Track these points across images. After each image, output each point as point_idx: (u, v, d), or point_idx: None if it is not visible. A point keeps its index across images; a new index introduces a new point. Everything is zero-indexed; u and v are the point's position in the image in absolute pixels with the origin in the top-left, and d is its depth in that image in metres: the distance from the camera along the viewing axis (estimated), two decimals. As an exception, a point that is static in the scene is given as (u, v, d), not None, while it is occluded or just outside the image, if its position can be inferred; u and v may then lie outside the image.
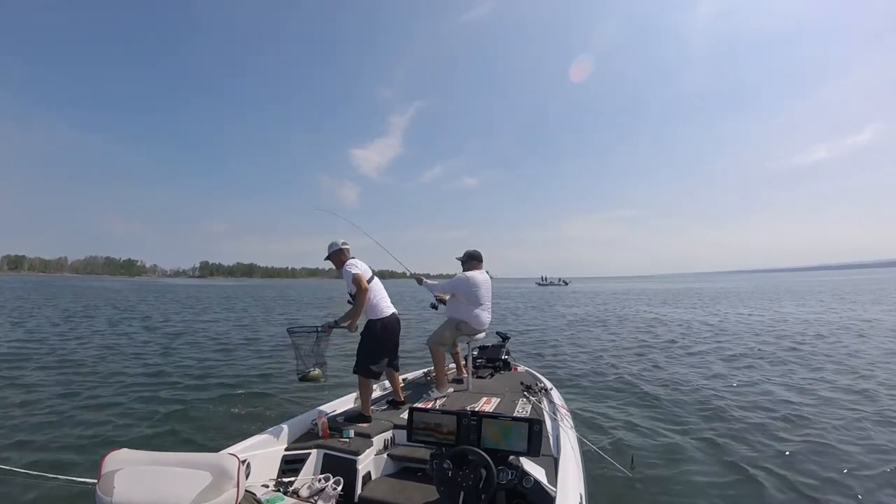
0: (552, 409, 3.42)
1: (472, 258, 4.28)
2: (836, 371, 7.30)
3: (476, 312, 4.11)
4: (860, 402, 5.56)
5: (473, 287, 4.09)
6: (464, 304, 4.11)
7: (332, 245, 3.67)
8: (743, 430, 4.70)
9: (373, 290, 3.49)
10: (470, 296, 4.10)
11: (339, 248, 3.63)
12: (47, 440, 4.46)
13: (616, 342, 11.17)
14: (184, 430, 4.85)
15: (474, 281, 4.11)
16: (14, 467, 3.52)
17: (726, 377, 7.10)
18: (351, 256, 3.65)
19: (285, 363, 8.61)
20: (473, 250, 4.30)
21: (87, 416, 5.20)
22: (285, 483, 2.61)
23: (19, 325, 13.46)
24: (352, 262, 3.56)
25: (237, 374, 7.64)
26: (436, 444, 2.26)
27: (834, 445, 4.25)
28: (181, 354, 9.40)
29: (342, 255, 3.62)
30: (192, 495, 1.49)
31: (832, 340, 10.38)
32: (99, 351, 9.49)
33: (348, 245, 3.69)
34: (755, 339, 10.99)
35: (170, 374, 7.55)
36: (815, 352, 9.02)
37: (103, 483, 1.50)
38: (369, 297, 3.45)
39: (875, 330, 11.98)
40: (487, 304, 4.19)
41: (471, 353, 4.29)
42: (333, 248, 3.65)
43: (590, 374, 7.53)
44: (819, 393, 6.03)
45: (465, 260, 4.31)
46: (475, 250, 4.30)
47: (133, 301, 27.17)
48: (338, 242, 3.65)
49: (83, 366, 7.95)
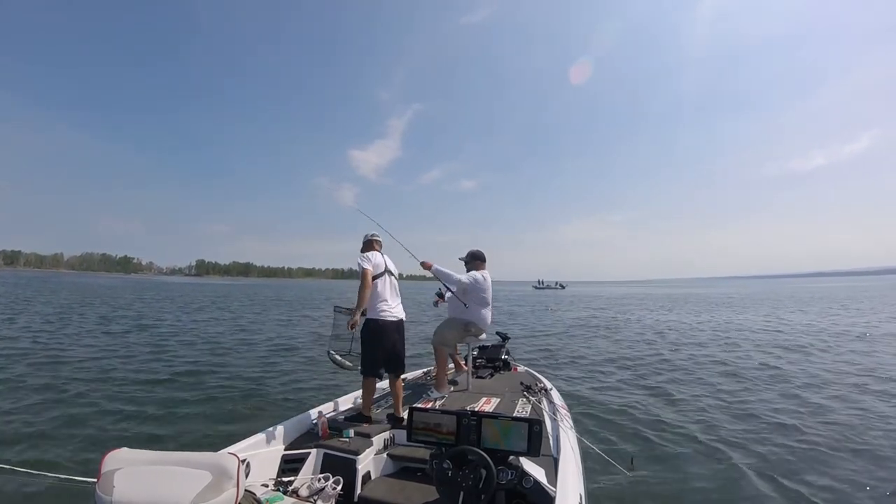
0: (552, 410, 3.42)
1: (475, 258, 4.20)
2: (836, 378, 7.31)
3: (483, 313, 4.09)
4: (862, 408, 5.57)
5: (484, 287, 4.06)
6: (473, 304, 4.04)
7: (364, 236, 3.69)
8: (743, 433, 4.70)
9: (376, 288, 3.39)
10: (479, 296, 4.05)
11: (367, 240, 3.66)
12: (47, 439, 4.45)
13: (618, 345, 11.19)
14: (183, 430, 4.85)
15: (485, 281, 4.08)
16: (14, 466, 3.51)
17: (726, 380, 7.11)
18: (376, 249, 3.61)
19: (285, 363, 8.61)
20: (477, 250, 4.23)
21: (86, 416, 5.19)
22: (285, 483, 2.60)
23: (11, 322, 13.43)
24: (367, 255, 3.47)
25: (237, 374, 7.63)
26: (436, 444, 2.26)
27: (834, 450, 4.25)
28: (180, 354, 9.38)
29: (365, 247, 3.62)
30: (191, 495, 1.49)
31: (832, 348, 10.40)
32: (97, 350, 9.47)
33: (378, 237, 3.69)
34: (756, 345, 11.01)
35: (169, 373, 7.54)
36: (814, 360, 9.03)
37: (103, 482, 1.50)
38: (372, 294, 3.36)
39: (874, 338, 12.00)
40: (490, 304, 4.19)
41: (471, 353, 4.29)
42: (364, 239, 3.68)
43: (590, 374, 7.54)
44: (820, 399, 6.04)
45: (468, 260, 4.24)
46: (478, 250, 4.23)
47: (129, 299, 27.12)
48: (368, 234, 3.68)
49: (82, 365, 7.93)
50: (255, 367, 8.10)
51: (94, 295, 29.90)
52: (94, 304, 21.58)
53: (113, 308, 19.81)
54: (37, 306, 18.99)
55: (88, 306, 20.51)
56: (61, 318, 15.22)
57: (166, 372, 7.61)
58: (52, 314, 16.14)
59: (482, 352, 5.07)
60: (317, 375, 7.52)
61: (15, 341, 10.06)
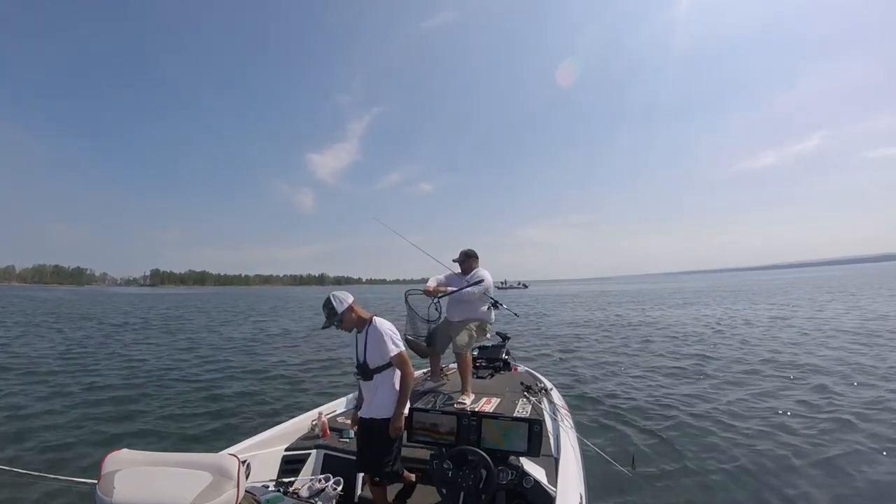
0: (552, 410, 3.41)
1: (469, 256, 4.06)
2: (835, 373, 7.29)
3: (492, 311, 4.07)
4: (861, 407, 5.56)
5: (492, 285, 4.02)
6: (483, 303, 3.99)
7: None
8: (743, 432, 4.69)
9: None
10: (487, 294, 3.99)
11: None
12: (47, 440, 4.46)
13: (611, 343, 11.18)
14: (184, 431, 4.85)
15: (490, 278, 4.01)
16: (14, 467, 3.51)
17: (725, 379, 7.10)
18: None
19: (285, 363, 8.62)
20: (469, 249, 4.11)
21: (86, 417, 5.20)
22: (285, 483, 2.60)
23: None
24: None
25: (237, 374, 7.64)
26: (436, 444, 2.26)
27: (834, 448, 4.25)
28: (180, 355, 9.40)
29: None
30: (192, 496, 1.48)
31: (814, 339, 10.39)
32: (96, 350, 9.49)
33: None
34: (751, 339, 10.98)
35: (169, 374, 7.55)
36: (803, 352, 9.02)
37: (103, 483, 1.50)
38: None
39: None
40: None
41: (470, 353, 4.26)
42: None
43: (589, 375, 7.54)
44: (820, 396, 6.02)
45: (462, 260, 4.07)
46: (471, 249, 4.11)
47: (124, 309, 26.67)
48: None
49: (81, 366, 7.94)
50: (255, 367, 8.11)
51: (75, 307, 29.35)
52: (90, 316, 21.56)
53: (108, 315, 19.82)
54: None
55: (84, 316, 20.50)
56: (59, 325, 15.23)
57: (167, 372, 7.62)
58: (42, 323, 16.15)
59: (482, 352, 5.05)
60: (317, 376, 7.53)
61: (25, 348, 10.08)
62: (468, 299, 3.91)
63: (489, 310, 4.05)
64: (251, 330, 14.71)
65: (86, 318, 19.09)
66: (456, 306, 4.02)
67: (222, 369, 8.05)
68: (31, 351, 9.62)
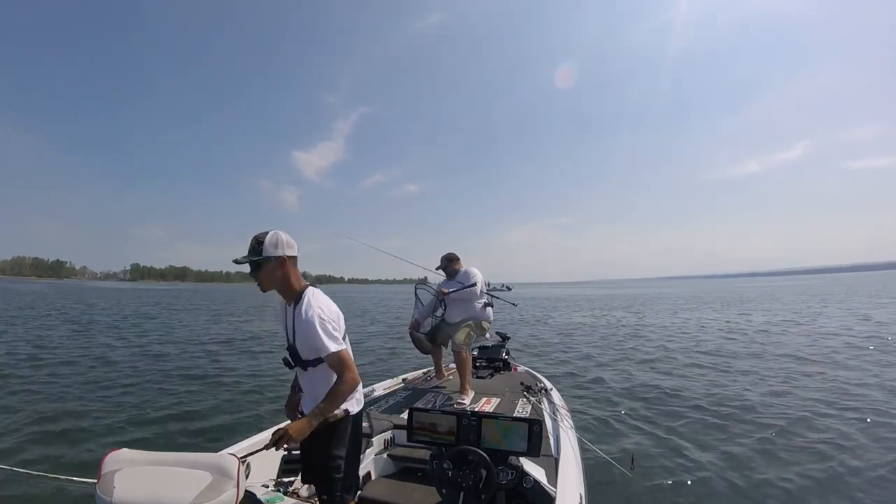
0: (552, 410, 3.41)
1: (451, 260, 4.22)
2: (839, 378, 7.30)
3: (487, 309, 4.20)
4: (858, 406, 5.57)
5: (482, 281, 4.16)
6: (478, 302, 4.11)
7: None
8: (743, 431, 4.69)
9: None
10: (483, 292, 4.15)
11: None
12: (47, 440, 4.46)
13: (609, 345, 11.17)
14: (184, 430, 4.85)
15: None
16: (14, 467, 3.51)
17: (725, 379, 7.10)
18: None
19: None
20: (450, 253, 4.26)
21: (86, 417, 5.20)
22: (285, 483, 2.60)
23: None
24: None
25: (237, 374, 7.64)
26: (436, 444, 2.26)
27: (834, 448, 4.24)
28: (180, 355, 9.39)
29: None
30: (191, 495, 1.48)
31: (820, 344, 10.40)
32: (96, 350, 9.48)
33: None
34: (750, 342, 10.99)
35: (169, 374, 7.55)
36: (803, 352, 9.02)
37: (103, 483, 1.50)
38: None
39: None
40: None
41: (471, 352, 4.27)
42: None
43: (589, 375, 7.53)
44: (820, 395, 6.02)
45: (444, 265, 4.23)
46: (451, 253, 4.26)
47: (115, 301, 26.83)
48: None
49: (80, 366, 7.94)
50: (255, 368, 8.11)
51: (69, 300, 29.58)
52: (77, 308, 21.55)
53: (97, 310, 19.81)
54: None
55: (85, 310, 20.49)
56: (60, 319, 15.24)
57: (167, 373, 7.62)
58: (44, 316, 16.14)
59: (482, 352, 5.06)
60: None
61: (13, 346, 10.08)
62: (464, 298, 4.06)
63: (485, 308, 4.16)
64: (250, 329, 14.71)
65: (75, 312, 19.06)
66: (454, 307, 4.13)
67: (222, 369, 8.05)
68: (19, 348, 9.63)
